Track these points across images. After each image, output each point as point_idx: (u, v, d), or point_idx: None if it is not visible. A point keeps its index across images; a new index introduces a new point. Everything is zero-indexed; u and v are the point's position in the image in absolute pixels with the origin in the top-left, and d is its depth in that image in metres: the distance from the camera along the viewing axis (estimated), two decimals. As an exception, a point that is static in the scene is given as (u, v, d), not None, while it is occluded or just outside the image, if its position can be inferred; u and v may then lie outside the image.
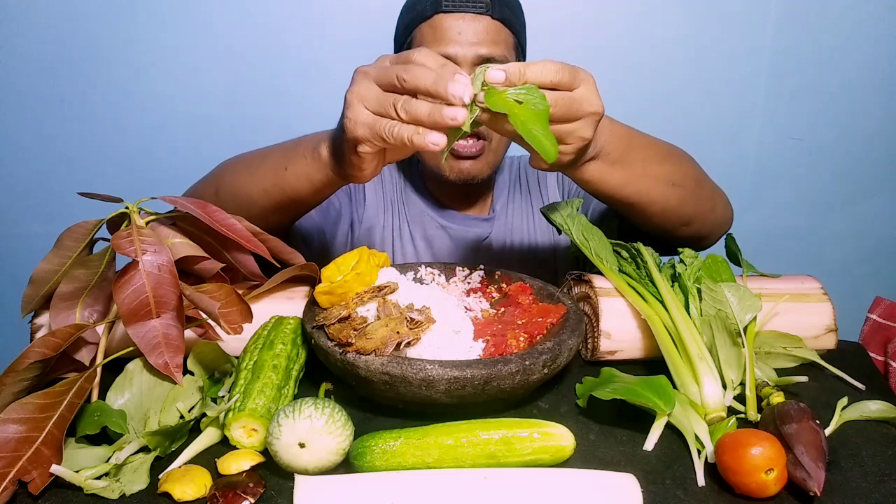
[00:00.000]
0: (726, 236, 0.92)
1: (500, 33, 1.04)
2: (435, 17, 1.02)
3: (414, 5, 1.06)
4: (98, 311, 0.71)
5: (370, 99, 0.65)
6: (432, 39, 1.02)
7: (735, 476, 0.58)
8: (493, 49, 1.02)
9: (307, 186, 0.80)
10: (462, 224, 1.17)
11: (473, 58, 1.01)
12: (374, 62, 0.68)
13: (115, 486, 0.56)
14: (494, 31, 1.03)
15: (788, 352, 0.79)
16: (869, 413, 0.70)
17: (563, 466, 0.61)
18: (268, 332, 0.72)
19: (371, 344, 0.63)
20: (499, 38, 1.03)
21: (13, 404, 0.57)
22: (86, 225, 0.70)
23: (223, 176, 0.88)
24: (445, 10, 1.01)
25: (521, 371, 0.64)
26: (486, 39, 1.02)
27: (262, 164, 0.84)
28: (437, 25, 1.02)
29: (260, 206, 0.84)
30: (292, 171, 0.80)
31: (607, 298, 0.81)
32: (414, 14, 1.05)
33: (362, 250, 0.74)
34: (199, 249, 0.71)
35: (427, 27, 1.03)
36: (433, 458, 0.59)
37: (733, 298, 0.75)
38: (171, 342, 0.63)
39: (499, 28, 1.03)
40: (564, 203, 0.89)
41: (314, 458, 0.57)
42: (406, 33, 1.07)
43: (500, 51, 1.03)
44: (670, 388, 0.67)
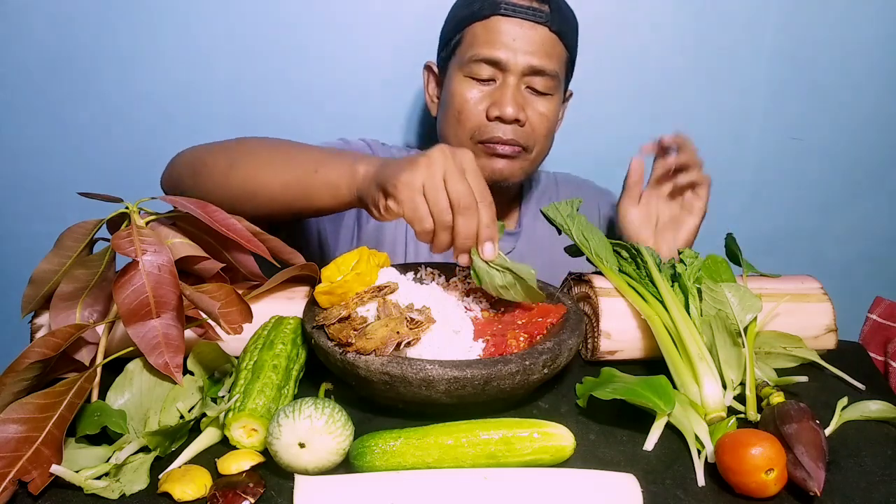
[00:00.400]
0: (727, 236, 0.92)
1: (556, 47, 1.01)
2: (491, 18, 0.99)
3: (470, 3, 1.03)
4: (98, 311, 0.71)
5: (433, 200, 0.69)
6: (485, 41, 1.00)
7: (735, 476, 0.58)
8: (545, 62, 1.00)
9: (330, 196, 0.79)
10: None
11: (524, 67, 0.99)
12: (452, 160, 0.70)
13: (115, 486, 0.56)
14: (550, 44, 1.00)
15: (788, 352, 0.79)
16: (869, 413, 0.70)
17: (563, 466, 0.61)
18: (268, 332, 0.72)
19: (371, 344, 0.63)
20: (553, 51, 1.01)
21: (13, 404, 0.57)
22: (86, 225, 0.70)
23: (241, 156, 0.85)
24: (504, 13, 0.99)
25: (521, 371, 0.64)
26: (540, 51, 0.99)
27: (290, 159, 0.82)
28: (491, 27, 0.99)
29: (273, 197, 0.82)
30: (323, 176, 0.78)
31: (607, 298, 0.81)
32: (468, 12, 1.02)
33: (362, 250, 0.74)
34: (199, 249, 0.71)
35: (481, 27, 1.00)
36: (433, 458, 0.59)
37: (734, 299, 0.75)
38: (171, 342, 0.63)
39: (554, 41, 1.01)
40: (565, 203, 0.89)
41: (314, 458, 0.57)
42: (456, 29, 1.04)
43: (552, 65, 1.01)
44: (670, 388, 0.67)
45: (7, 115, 1.27)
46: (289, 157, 0.83)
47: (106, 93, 1.27)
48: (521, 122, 1.01)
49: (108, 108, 1.28)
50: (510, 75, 1.00)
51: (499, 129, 1.01)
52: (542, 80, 1.01)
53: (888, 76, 1.43)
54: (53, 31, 1.23)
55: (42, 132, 1.28)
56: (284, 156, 0.83)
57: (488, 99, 1.01)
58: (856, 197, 1.51)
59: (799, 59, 1.40)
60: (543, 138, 1.05)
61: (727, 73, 1.40)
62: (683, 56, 1.38)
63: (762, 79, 1.41)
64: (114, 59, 1.26)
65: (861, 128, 1.46)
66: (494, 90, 1.01)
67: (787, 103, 1.43)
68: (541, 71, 1.00)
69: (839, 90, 1.43)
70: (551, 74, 1.01)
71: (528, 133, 1.03)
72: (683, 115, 1.41)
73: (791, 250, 1.52)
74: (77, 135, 1.29)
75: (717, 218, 1.46)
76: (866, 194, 1.51)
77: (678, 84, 1.39)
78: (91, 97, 1.27)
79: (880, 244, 1.55)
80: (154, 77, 1.28)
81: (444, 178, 0.69)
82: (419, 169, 0.69)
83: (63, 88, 1.26)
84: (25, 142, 1.29)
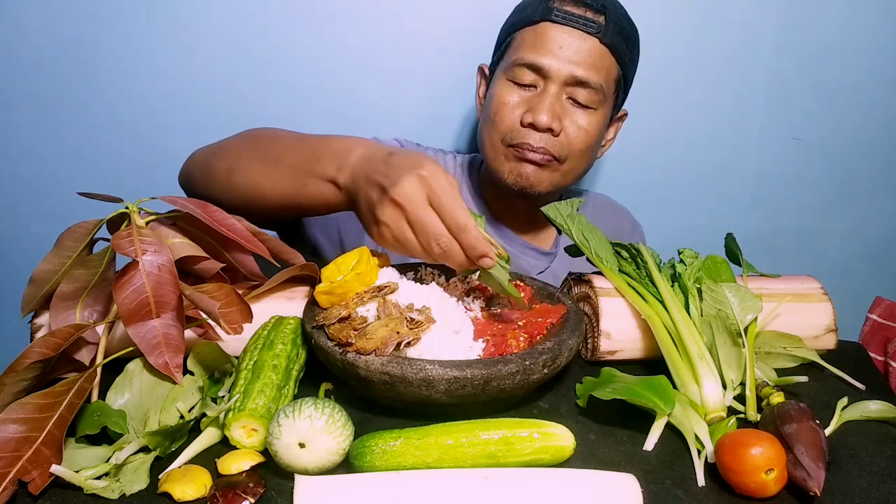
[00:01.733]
0: (727, 236, 0.92)
1: (604, 60, 0.98)
2: (541, 24, 0.98)
3: (525, 7, 1.02)
4: (98, 311, 0.71)
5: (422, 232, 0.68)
6: (532, 45, 0.98)
7: (735, 476, 0.58)
8: (590, 74, 0.97)
9: (323, 209, 0.81)
10: (518, 250, 1.11)
11: (567, 76, 0.97)
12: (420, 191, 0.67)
13: (115, 486, 0.56)
14: (598, 56, 0.98)
15: (788, 352, 0.79)
16: (869, 413, 0.70)
17: (563, 466, 0.61)
18: (268, 332, 0.72)
19: (371, 344, 0.63)
20: (601, 64, 0.98)
21: (13, 404, 0.57)
22: (86, 225, 0.70)
23: (239, 160, 0.85)
24: (554, 19, 0.97)
25: (521, 371, 0.64)
26: (587, 62, 0.97)
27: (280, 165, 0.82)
28: (540, 33, 0.98)
29: (274, 204, 0.83)
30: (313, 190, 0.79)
31: (607, 298, 0.81)
32: (522, 16, 1.01)
33: (362, 250, 0.74)
34: (199, 249, 0.71)
35: (530, 32, 0.99)
36: (433, 458, 0.59)
37: (734, 299, 0.75)
38: (171, 342, 0.63)
39: (604, 54, 0.98)
40: (565, 203, 0.89)
41: (314, 458, 0.57)
42: (508, 32, 1.03)
43: (597, 78, 0.98)
44: (670, 388, 0.67)
45: (7, 115, 1.27)
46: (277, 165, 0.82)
47: (106, 93, 1.27)
48: (554, 131, 0.98)
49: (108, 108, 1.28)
50: (551, 83, 0.98)
51: (530, 136, 0.99)
52: (585, 93, 0.98)
53: (888, 76, 1.43)
54: (53, 31, 1.23)
55: (42, 132, 1.28)
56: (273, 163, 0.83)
57: (525, 104, 1.00)
58: (856, 197, 1.51)
59: (799, 58, 1.40)
60: (580, 152, 1.02)
61: (727, 73, 1.40)
62: (683, 56, 1.38)
63: (762, 79, 1.41)
64: (114, 59, 1.26)
65: (861, 128, 1.46)
66: (533, 96, 0.99)
67: (787, 103, 1.43)
68: (584, 82, 0.97)
69: (839, 90, 1.43)
70: (595, 87, 0.98)
71: (563, 144, 1.00)
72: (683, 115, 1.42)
73: (791, 250, 1.53)
74: (77, 135, 1.29)
75: (717, 218, 1.47)
76: (866, 194, 1.51)
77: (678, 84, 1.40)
78: (91, 97, 1.27)
79: (880, 244, 1.55)
80: (154, 77, 1.28)
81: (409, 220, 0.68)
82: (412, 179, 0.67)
83: (63, 88, 1.26)
84: (25, 142, 1.29)
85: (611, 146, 1.13)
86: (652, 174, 1.45)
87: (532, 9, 1.00)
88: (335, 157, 0.77)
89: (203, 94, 1.29)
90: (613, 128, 1.12)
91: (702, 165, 1.46)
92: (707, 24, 1.36)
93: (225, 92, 1.30)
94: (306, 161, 0.79)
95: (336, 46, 1.30)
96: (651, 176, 1.45)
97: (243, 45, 1.28)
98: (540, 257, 1.12)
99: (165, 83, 1.28)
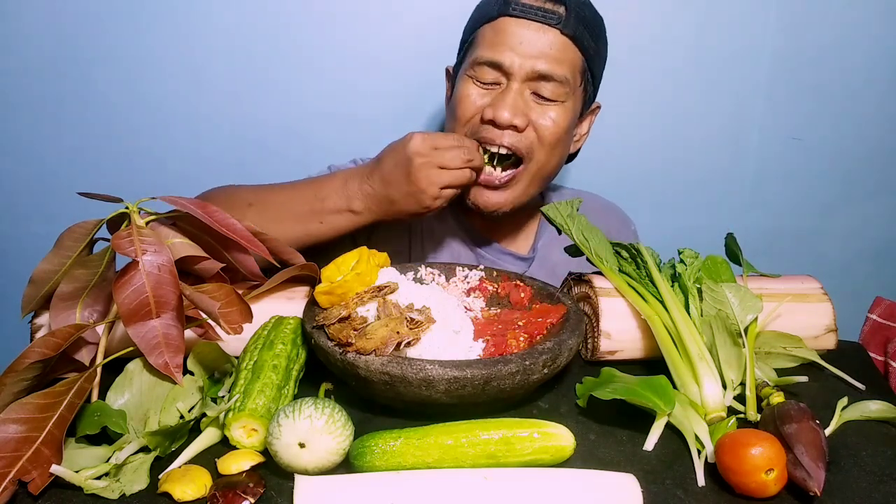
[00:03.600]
0: (727, 235, 0.91)
1: (567, 51, 0.95)
2: (500, 19, 0.95)
3: (485, 3, 1.00)
4: (98, 311, 0.71)
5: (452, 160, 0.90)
6: (491, 43, 0.96)
7: (735, 476, 0.58)
8: (553, 67, 0.94)
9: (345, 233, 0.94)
10: (496, 257, 1.10)
11: (528, 71, 0.94)
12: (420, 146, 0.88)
13: (115, 486, 0.56)
14: (560, 48, 0.95)
15: (788, 352, 0.79)
16: (869, 413, 0.70)
17: (563, 466, 0.61)
18: (268, 332, 0.72)
19: (371, 344, 0.63)
20: (564, 56, 0.95)
21: (13, 404, 0.57)
22: (86, 225, 0.70)
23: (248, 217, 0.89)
24: (512, 13, 0.94)
25: (521, 371, 0.64)
26: (549, 55, 0.94)
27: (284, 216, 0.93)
28: (499, 29, 0.95)
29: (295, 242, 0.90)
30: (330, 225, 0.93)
31: (607, 298, 0.81)
32: (481, 13, 0.99)
33: (362, 250, 0.74)
34: (199, 249, 0.71)
35: (489, 29, 0.96)
36: (433, 458, 0.59)
37: (734, 299, 0.75)
38: (171, 342, 0.63)
39: (566, 45, 0.95)
40: (564, 203, 0.89)
41: (314, 458, 0.57)
42: (470, 31, 1.02)
43: (561, 70, 0.95)
44: (670, 388, 0.67)
45: (7, 115, 1.27)
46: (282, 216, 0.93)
47: (106, 93, 1.27)
48: (519, 127, 0.95)
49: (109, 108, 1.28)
50: (514, 80, 0.95)
51: (492, 132, 0.96)
52: (550, 86, 0.96)
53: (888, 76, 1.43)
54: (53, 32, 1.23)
55: (42, 132, 1.28)
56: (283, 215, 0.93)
57: (488, 100, 0.97)
58: (856, 197, 1.51)
59: (799, 59, 1.40)
60: (550, 146, 0.98)
61: (727, 74, 1.39)
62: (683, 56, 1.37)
63: (762, 79, 1.41)
64: (114, 60, 1.26)
65: (861, 128, 1.46)
66: (497, 93, 0.97)
67: (787, 103, 1.43)
68: (547, 76, 0.95)
69: (839, 90, 1.43)
70: (559, 80, 0.95)
71: (531, 139, 0.97)
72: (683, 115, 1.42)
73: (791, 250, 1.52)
74: (77, 135, 1.29)
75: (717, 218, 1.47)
76: (866, 194, 1.51)
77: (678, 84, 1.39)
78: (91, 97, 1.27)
79: (880, 244, 1.55)
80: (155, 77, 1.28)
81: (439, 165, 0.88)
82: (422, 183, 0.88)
83: (63, 88, 1.26)
84: (25, 142, 1.28)
85: (585, 140, 1.10)
86: (652, 174, 1.45)
87: (490, 5, 0.97)
88: (339, 191, 0.92)
89: (203, 94, 1.29)
90: (587, 121, 1.09)
91: (702, 165, 1.46)
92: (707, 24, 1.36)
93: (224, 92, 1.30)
94: (312, 205, 0.92)
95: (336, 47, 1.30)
96: (651, 176, 1.45)
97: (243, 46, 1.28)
98: (517, 262, 1.11)
99: (165, 83, 1.28)
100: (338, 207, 0.92)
